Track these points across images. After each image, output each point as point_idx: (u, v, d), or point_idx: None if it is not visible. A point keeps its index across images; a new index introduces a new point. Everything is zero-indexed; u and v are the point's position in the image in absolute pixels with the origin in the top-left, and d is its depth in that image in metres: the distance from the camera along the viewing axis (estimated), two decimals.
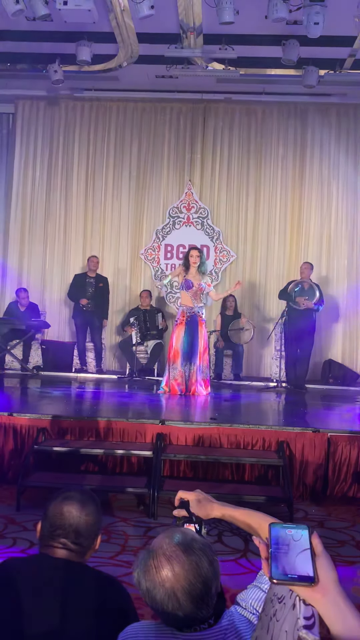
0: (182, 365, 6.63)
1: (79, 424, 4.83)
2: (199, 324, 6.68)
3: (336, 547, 3.71)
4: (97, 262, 8.64)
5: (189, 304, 6.69)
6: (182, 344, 6.63)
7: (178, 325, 6.71)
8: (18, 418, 4.81)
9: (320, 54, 7.56)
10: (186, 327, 6.65)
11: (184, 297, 6.77)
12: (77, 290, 8.53)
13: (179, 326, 6.69)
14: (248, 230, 9.48)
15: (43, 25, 7.10)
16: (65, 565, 1.62)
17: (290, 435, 4.71)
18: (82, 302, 8.40)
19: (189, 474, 4.70)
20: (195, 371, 6.60)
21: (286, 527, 1.00)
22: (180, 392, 6.58)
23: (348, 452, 4.63)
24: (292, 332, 7.74)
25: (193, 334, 6.64)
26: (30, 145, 9.71)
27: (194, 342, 6.63)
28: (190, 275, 6.67)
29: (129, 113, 9.62)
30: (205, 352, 6.73)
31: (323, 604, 0.95)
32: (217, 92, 9.19)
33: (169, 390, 6.64)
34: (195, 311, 6.68)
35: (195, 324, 6.66)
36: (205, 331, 6.81)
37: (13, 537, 3.67)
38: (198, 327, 6.66)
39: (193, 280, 6.64)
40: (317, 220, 9.38)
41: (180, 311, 6.78)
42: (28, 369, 8.29)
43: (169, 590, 1.24)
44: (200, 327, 6.69)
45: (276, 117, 9.48)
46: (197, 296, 6.68)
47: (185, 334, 6.64)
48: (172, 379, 6.64)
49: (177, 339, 6.67)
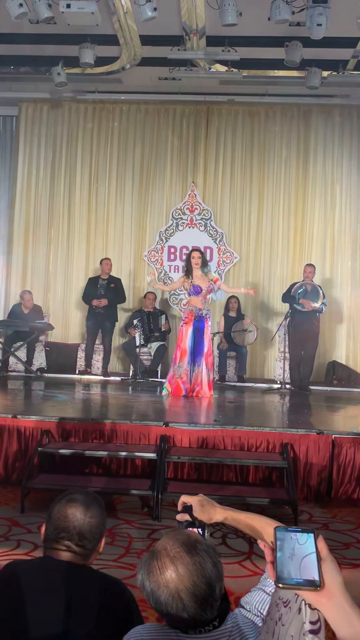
0: (188, 363, 6.64)
1: (83, 426, 4.83)
2: (205, 326, 6.69)
3: (341, 549, 3.70)
4: (110, 264, 8.65)
5: (199, 305, 6.70)
6: (189, 343, 6.64)
7: (186, 325, 6.71)
8: (22, 420, 4.81)
9: (323, 55, 7.56)
10: (194, 327, 6.66)
11: (193, 299, 6.77)
12: (89, 292, 8.57)
13: (187, 325, 6.69)
14: (251, 232, 9.48)
15: (46, 28, 7.12)
16: (69, 567, 1.62)
17: (295, 437, 4.70)
18: (93, 304, 8.43)
19: (193, 476, 4.69)
20: (200, 372, 6.61)
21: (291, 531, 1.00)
22: (185, 391, 6.58)
23: (353, 453, 4.62)
24: (296, 334, 7.74)
25: (200, 334, 6.65)
26: (33, 148, 9.74)
27: (199, 343, 6.64)
28: (195, 278, 6.67)
29: (132, 115, 9.64)
30: (210, 354, 6.73)
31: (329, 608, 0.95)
32: (220, 94, 9.19)
33: (172, 389, 6.63)
34: (204, 313, 6.71)
35: (203, 324, 6.68)
36: (210, 333, 6.81)
37: (17, 539, 3.67)
38: (205, 328, 6.68)
39: (200, 284, 6.65)
40: (321, 221, 9.37)
41: (189, 311, 6.78)
42: (32, 371, 8.29)
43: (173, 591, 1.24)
44: (207, 329, 6.71)
45: (279, 119, 9.48)
46: (206, 298, 6.73)
47: (192, 333, 6.65)
48: (178, 377, 6.64)
49: (184, 337, 6.68)
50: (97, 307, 8.43)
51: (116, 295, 8.55)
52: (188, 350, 6.64)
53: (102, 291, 8.51)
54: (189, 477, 4.68)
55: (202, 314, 6.69)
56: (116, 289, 8.57)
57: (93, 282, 8.65)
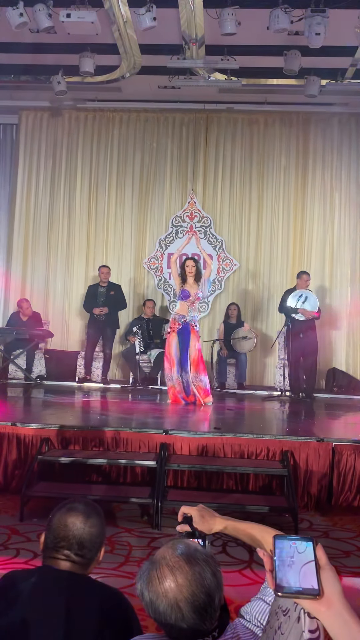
0: (177, 373, 6.62)
1: (83, 434, 4.82)
2: (190, 333, 6.64)
3: (341, 557, 3.69)
4: (107, 272, 8.65)
5: (183, 312, 6.69)
6: (175, 352, 6.63)
7: (170, 334, 6.73)
8: (22, 428, 4.80)
9: (322, 64, 7.61)
10: (177, 336, 6.64)
11: (180, 305, 6.78)
12: (89, 300, 8.57)
13: (171, 334, 6.70)
14: (251, 239, 9.50)
15: (47, 38, 7.17)
16: (69, 577, 1.61)
17: (295, 445, 4.69)
18: (94, 312, 8.43)
19: (193, 483, 4.68)
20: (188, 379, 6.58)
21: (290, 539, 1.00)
22: (183, 400, 6.57)
23: (353, 461, 4.61)
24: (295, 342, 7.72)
25: (184, 342, 6.62)
26: (33, 156, 9.78)
27: (184, 350, 6.61)
28: (187, 285, 6.69)
29: (131, 123, 9.68)
30: (199, 361, 6.67)
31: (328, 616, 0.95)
32: (219, 102, 9.24)
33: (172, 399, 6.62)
34: (188, 320, 6.66)
35: (187, 332, 6.63)
36: (198, 340, 6.75)
37: (16, 547, 3.65)
38: (190, 336, 6.63)
39: (190, 290, 6.67)
40: (320, 228, 9.39)
41: (172, 319, 6.80)
42: (31, 379, 8.29)
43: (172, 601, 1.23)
44: (192, 335, 6.63)
45: (278, 127, 9.52)
46: (193, 305, 6.70)
47: (177, 342, 6.63)
48: (172, 386, 6.64)
49: (169, 347, 6.68)
50: (98, 315, 8.43)
51: (117, 302, 8.56)
52: (175, 359, 6.61)
53: (102, 299, 8.51)
54: (189, 485, 4.67)
55: (186, 321, 6.67)
56: (116, 295, 8.57)
57: (92, 290, 8.65)
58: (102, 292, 8.56)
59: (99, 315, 8.42)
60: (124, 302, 8.69)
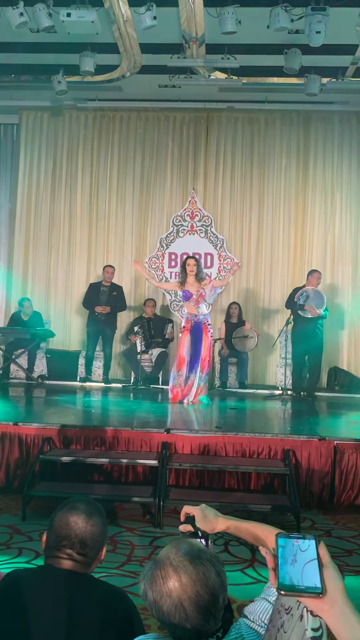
0: (187, 371, 6.64)
1: (85, 433, 4.82)
2: (203, 331, 6.68)
3: (343, 556, 3.69)
4: (113, 272, 8.64)
5: (193, 312, 6.71)
6: (186, 351, 6.64)
7: (183, 332, 6.73)
8: (23, 427, 4.81)
9: (322, 62, 7.60)
10: (190, 334, 6.67)
11: (187, 306, 6.79)
12: (90, 298, 8.57)
13: (184, 333, 6.71)
14: (252, 238, 9.50)
15: (47, 37, 7.16)
16: (71, 576, 1.61)
17: (297, 444, 4.69)
18: (97, 310, 8.42)
19: (195, 482, 4.68)
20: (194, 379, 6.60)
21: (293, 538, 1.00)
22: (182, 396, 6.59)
23: (355, 459, 4.60)
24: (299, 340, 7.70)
25: (197, 340, 6.65)
26: (34, 156, 9.78)
27: (197, 349, 6.63)
28: (188, 284, 6.69)
29: (132, 122, 9.68)
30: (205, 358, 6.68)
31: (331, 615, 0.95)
32: (219, 101, 9.23)
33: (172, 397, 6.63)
34: (200, 318, 6.70)
35: (200, 331, 6.67)
36: (210, 339, 6.78)
37: (19, 547, 3.66)
38: (202, 334, 6.66)
39: (191, 289, 6.67)
40: (321, 227, 9.39)
41: (185, 319, 6.80)
42: (33, 378, 8.29)
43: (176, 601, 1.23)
44: (205, 334, 6.68)
45: (279, 125, 9.52)
46: (198, 303, 6.70)
47: (189, 341, 6.66)
48: (177, 385, 6.64)
49: (181, 346, 6.69)
50: (99, 314, 8.43)
51: (118, 303, 8.56)
52: (186, 358, 6.63)
53: (105, 298, 8.51)
54: (190, 484, 4.67)
55: (198, 320, 6.69)
56: (118, 296, 8.57)
57: (94, 288, 8.65)
58: (104, 292, 8.56)
59: (100, 313, 8.42)
60: (124, 304, 8.68)
